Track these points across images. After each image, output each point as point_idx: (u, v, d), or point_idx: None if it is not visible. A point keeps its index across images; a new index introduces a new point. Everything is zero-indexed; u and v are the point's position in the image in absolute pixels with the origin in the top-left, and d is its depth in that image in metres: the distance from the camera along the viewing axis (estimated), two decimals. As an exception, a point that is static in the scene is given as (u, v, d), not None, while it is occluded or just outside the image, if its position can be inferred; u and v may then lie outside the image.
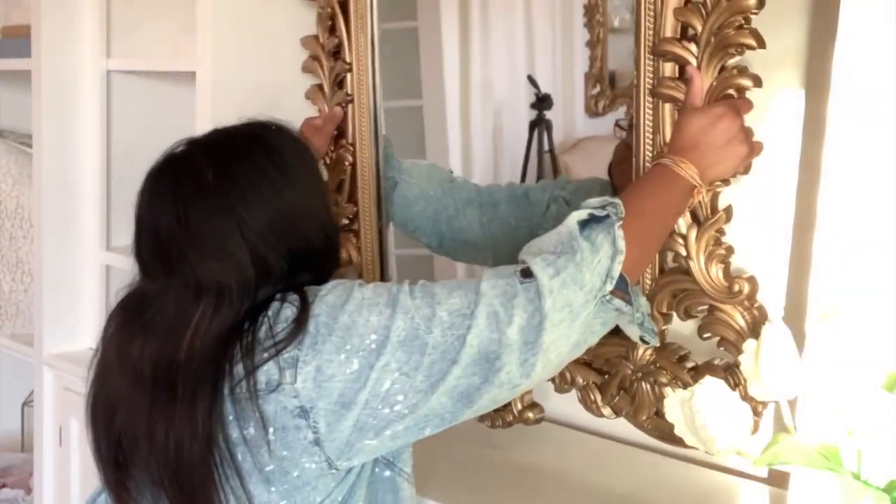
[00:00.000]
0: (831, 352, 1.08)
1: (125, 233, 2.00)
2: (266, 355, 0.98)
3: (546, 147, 1.60)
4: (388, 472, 1.11)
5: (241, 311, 1.02)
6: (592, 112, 1.59)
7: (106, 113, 1.96)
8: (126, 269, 1.90)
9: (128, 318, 1.07)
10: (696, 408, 1.14)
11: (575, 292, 0.98)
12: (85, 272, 2.03)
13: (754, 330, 1.20)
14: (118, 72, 1.96)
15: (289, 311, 1.01)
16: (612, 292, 1.01)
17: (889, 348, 1.06)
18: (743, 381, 1.19)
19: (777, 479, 1.31)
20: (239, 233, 1.03)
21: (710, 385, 1.15)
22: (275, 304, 1.02)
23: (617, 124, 1.48)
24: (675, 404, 1.18)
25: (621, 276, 1.01)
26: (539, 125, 1.62)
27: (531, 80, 1.64)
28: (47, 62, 1.94)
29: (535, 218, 1.49)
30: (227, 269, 1.02)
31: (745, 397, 1.17)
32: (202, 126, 1.67)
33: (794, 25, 1.23)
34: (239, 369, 0.99)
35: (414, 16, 1.72)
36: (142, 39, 1.98)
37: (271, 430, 0.99)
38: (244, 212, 1.03)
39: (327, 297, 1.02)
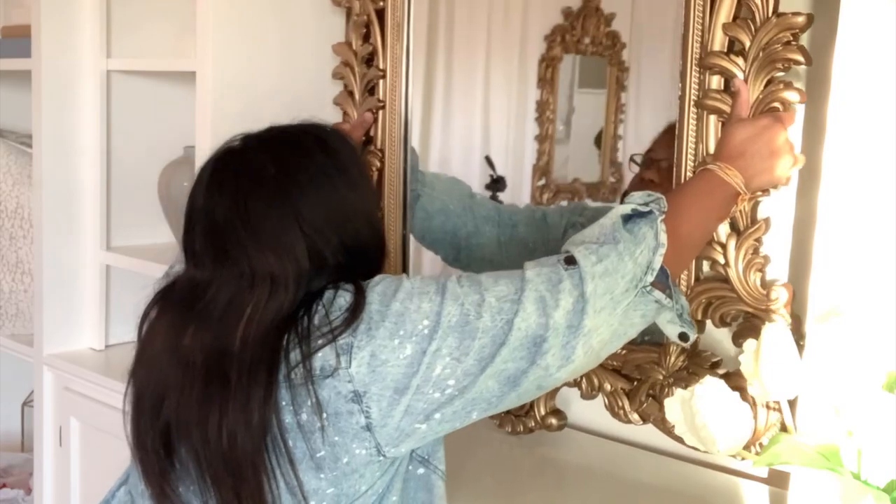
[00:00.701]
0: (831, 352, 1.08)
1: (125, 233, 2.03)
2: (322, 341, 1.00)
3: (497, 227, 1.64)
4: (422, 470, 1.12)
5: (295, 300, 1.03)
6: (537, 202, 1.65)
7: (106, 113, 1.96)
8: (126, 269, 1.92)
9: (176, 306, 1.07)
10: (696, 408, 1.14)
11: (616, 280, 1.01)
12: (85, 272, 2.02)
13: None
14: (118, 72, 1.95)
15: (342, 300, 1.02)
16: (652, 284, 1.03)
17: (889, 348, 1.06)
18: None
19: (777, 479, 1.31)
20: (297, 227, 1.05)
21: (711, 385, 1.15)
22: (328, 293, 1.04)
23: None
24: (675, 404, 1.18)
25: (662, 270, 1.03)
26: (492, 205, 1.66)
27: (488, 160, 1.68)
28: (47, 62, 1.93)
29: (552, 241, 1.52)
30: (283, 261, 1.03)
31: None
32: (202, 126, 1.67)
33: (794, 25, 1.23)
34: (295, 355, 1.00)
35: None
36: (142, 39, 1.97)
37: (324, 415, 1.00)
38: (304, 207, 1.05)
39: (377, 287, 1.04)
